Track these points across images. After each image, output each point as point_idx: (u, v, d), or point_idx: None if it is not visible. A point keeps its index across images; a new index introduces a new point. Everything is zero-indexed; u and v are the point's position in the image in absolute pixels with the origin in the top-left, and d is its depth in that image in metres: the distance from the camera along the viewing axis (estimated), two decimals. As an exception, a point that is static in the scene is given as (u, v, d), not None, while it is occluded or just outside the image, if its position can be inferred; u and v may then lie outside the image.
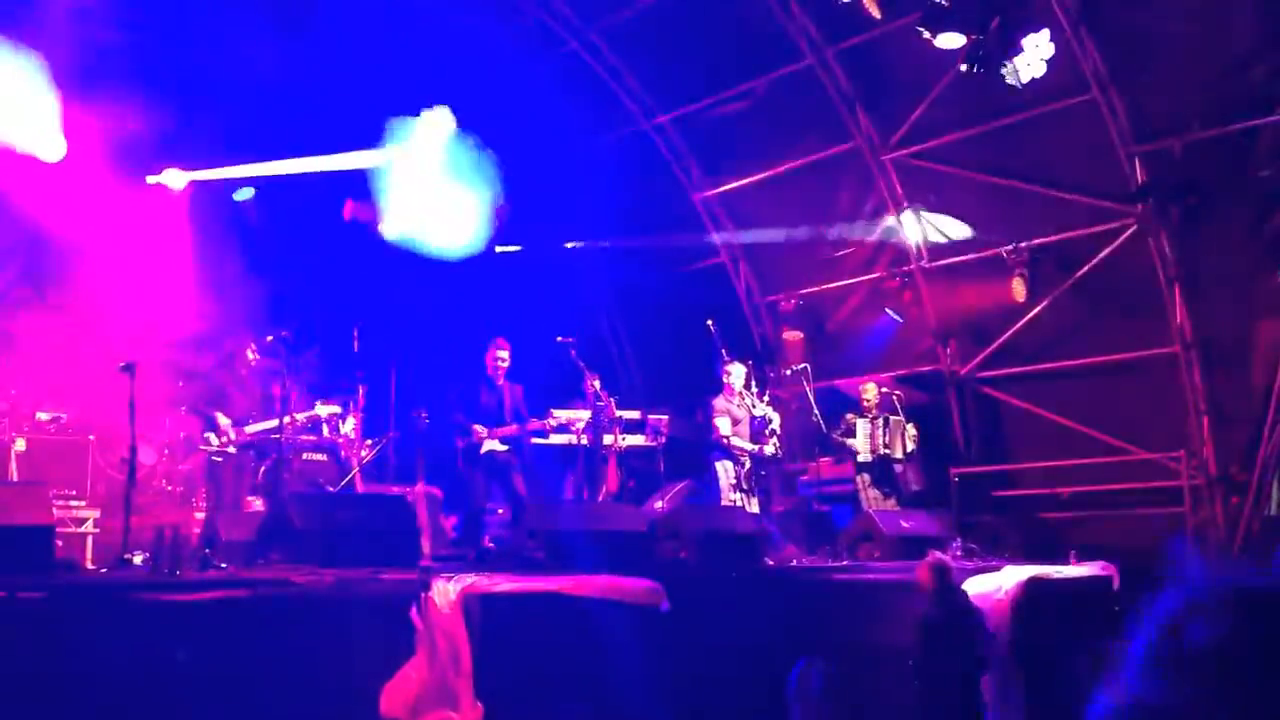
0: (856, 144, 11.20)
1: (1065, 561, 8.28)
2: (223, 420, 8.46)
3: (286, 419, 8.59)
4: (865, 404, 10.11)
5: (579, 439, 9.71)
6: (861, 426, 9.93)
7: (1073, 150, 10.12)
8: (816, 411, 9.75)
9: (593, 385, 9.34)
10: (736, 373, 9.52)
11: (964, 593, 6.77)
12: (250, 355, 8.68)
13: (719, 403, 9.41)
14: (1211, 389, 9.89)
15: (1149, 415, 10.17)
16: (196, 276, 12.13)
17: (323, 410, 8.92)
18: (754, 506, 9.19)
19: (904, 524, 8.39)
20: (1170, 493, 9.93)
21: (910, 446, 9.95)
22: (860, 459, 9.89)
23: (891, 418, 10.00)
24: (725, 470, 9.21)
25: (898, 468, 10.03)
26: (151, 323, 10.84)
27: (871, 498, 9.81)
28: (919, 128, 10.77)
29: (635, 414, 10.33)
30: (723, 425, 9.27)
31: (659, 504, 9.82)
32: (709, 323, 9.77)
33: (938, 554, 6.91)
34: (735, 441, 9.22)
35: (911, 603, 7.20)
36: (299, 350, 12.12)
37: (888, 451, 9.92)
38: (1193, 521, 9.76)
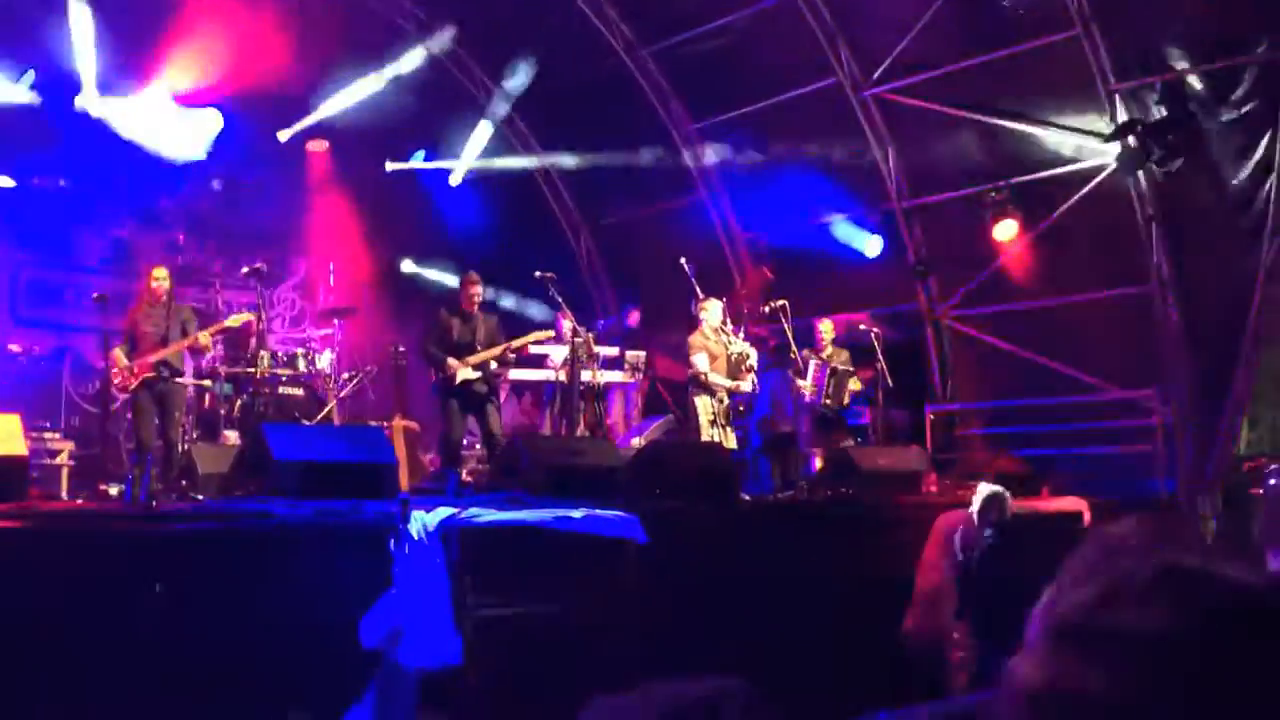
0: (837, 80, 11.10)
1: (1038, 496, 8.39)
2: (119, 355, 8.38)
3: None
4: (820, 342, 10.06)
5: (556, 374, 9.71)
6: (813, 365, 9.84)
7: (1054, 88, 10.07)
8: (794, 349, 9.75)
9: (570, 320, 9.32)
10: (712, 309, 9.49)
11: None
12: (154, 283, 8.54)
13: (695, 339, 9.41)
14: (1186, 328, 9.97)
15: (1123, 353, 10.26)
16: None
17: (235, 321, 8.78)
18: (731, 441, 9.23)
19: (880, 460, 8.45)
20: (1143, 430, 10.06)
21: (846, 400, 9.90)
22: (806, 401, 9.80)
23: (840, 368, 9.89)
24: (704, 406, 9.23)
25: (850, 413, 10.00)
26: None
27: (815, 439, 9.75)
28: (900, 64, 10.67)
29: (613, 350, 10.32)
30: (700, 361, 9.27)
31: (637, 439, 9.85)
32: (682, 260, 9.71)
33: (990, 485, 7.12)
34: (713, 378, 9.23)
35: (886, 536, 7.30)
36: (274, 283, 12.07)
37: (829, 403, 9.81)
38: (1163, 460, 9.90)
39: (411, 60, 12.12)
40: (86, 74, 10.35)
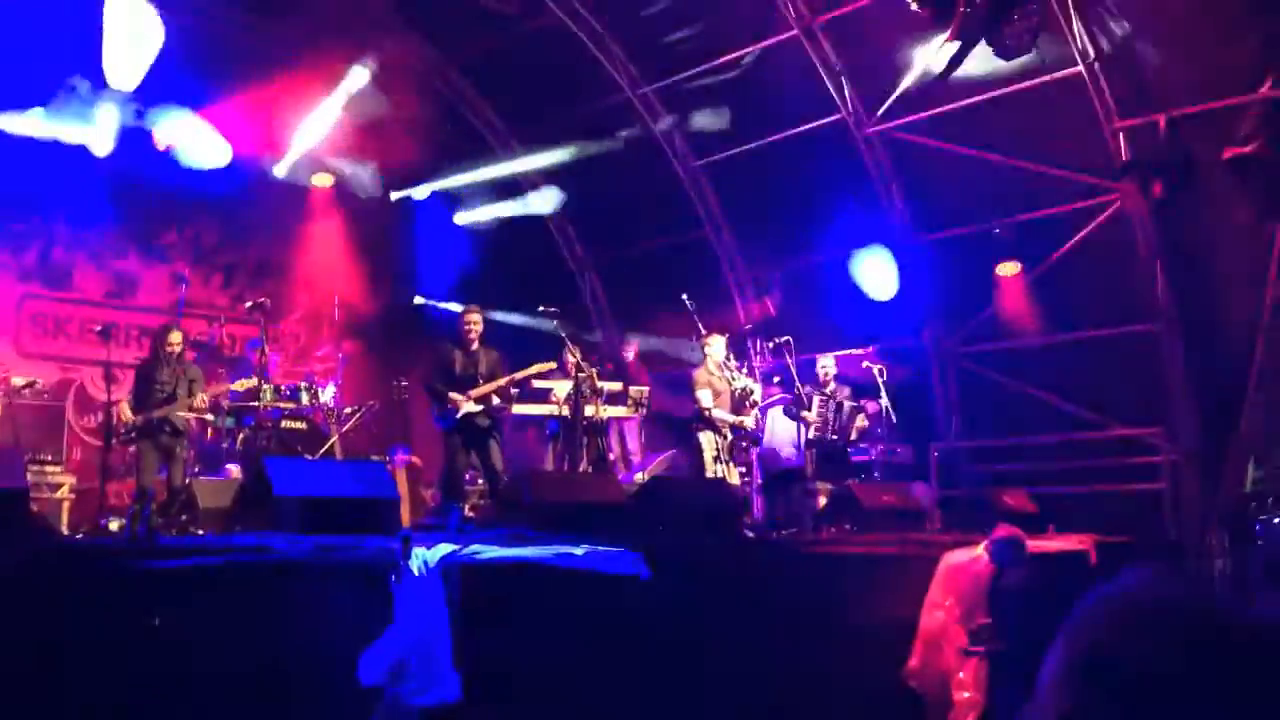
0: (842, 117, 11.14)
1: (1044, 534, 8.32)
2: (125, 409, 8.46)
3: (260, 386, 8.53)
4: (822, 377, 10.01)
5: (559, 409, 9.67)
6: (817, 401, 9.79)
7: (1058, 126, 10.10)
8: (799, 384, 9.73)
9: (574, 355, 9.30)
10: (716, 345, 9.49)
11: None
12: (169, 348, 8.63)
13: (699, 375, 9.39)
14: (1191, 366, 9.94)
15: (1128, 391, 10.22)
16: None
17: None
18: (734, 478, 9.19)
19: (884, 497, 8.40)
20: (1149, 469, 10.00)
21: (853, 435, 9.84)
22: (812, 435, 9.71)
23: (846, 404, 9.84)
24: (708, 441, 9.20)
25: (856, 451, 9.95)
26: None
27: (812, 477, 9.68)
28: (904, 101, 10.71)
29: (617, 385, 10.30)
30: (704, 397, 9.25)
31: (641, 475, 9.80)
32: (685, 297, 9.72)
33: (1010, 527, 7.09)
34: (716, 413, 9.20)
35: (890, 575, 7.23)
36: (278, 317, 12.08)
37: (835, 438, 9.74)
38: (1170, 498, 9.83)
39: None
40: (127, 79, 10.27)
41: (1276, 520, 9.08)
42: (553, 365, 9.12)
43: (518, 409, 9.56)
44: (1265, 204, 9.37)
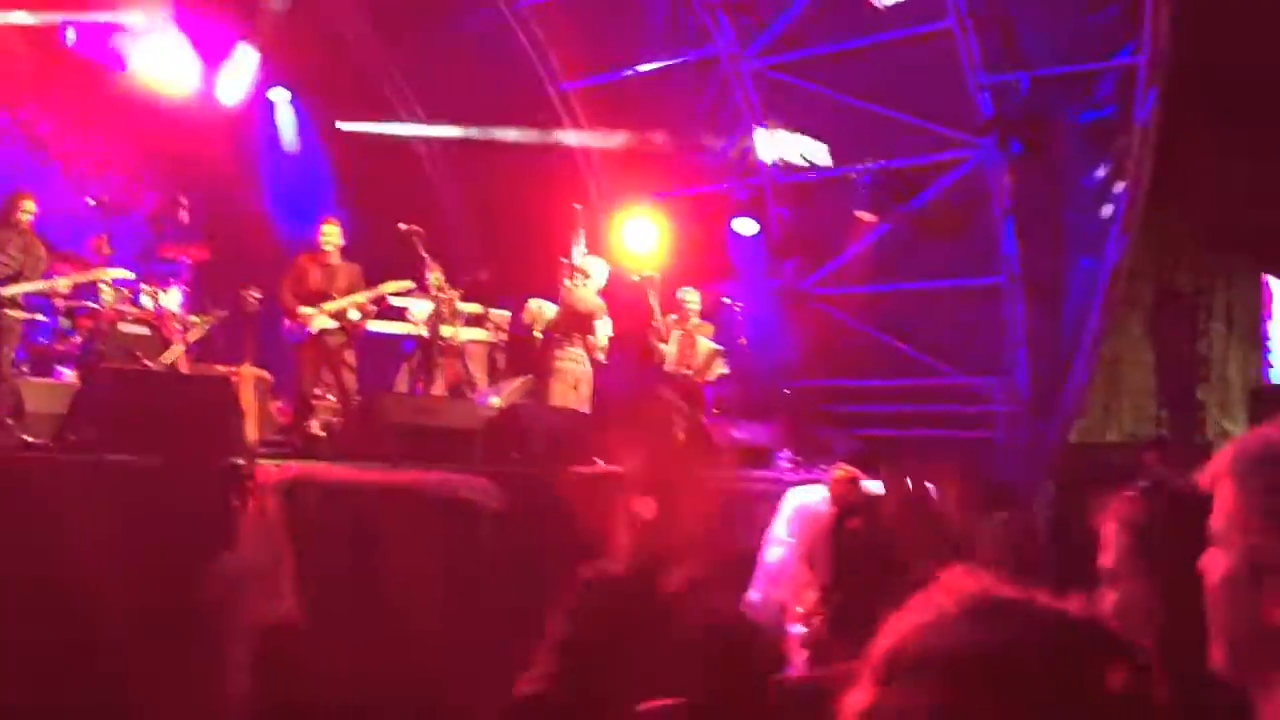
0: (717, 50, 11.11)
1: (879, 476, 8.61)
2: None
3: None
4: (685, 312, 9.97)
5: (417, 329, 9.50)
6: (674, 335, 9.77)
7: (925, 78, 10.29)
8: (659, 316, 9.77)
9: (435, 275, 9.11)
10: (595, 269, 9.42)
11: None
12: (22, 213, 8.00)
13: (559, 300, 9.33)
14: (1031, 321, 10.38)
15: (972, 341, 10.63)
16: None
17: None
18: (588, 407, 9.21)
19: (737, 435, 8.57)
20: (985, 417, 10.47)
21: (710, 374, 9.85)
22: (666, 368, 9.70)
23: (700, 339, 9.84)
24: (563, 370, 9.17)
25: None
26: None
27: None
28: (780, 40, 10.74)
29: (477, 308, 10.16)
30: (557, 322, 9.19)
31: (496, 400, 9.74)
32: (557, 220, 9.61)
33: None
34: (571, 350, 9.16)
35: (736, 511, 7.39)
36: (121, 215, 11.47)
37: (691, 373, 9.75)
38: (1002, 446, 10.32)
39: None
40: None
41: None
42: (410, 284, 8.92)
43: (373, 326, 9.34)
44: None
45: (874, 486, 7.99)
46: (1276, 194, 13.81)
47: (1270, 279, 14.95)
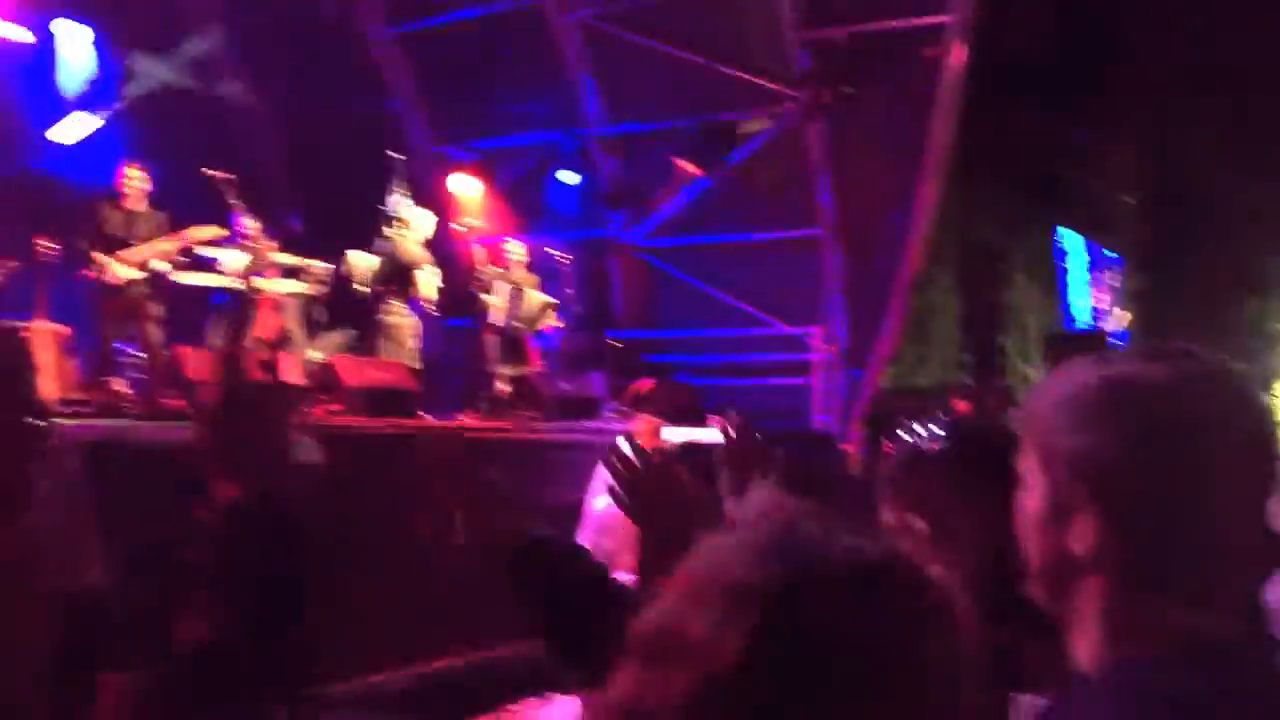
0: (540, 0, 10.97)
1: (705, 425, 8.78)
2: None
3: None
4: (509, 263, 9.85)
5: (229, 281, 9.10)
6: (499, 287, 9.66)
7: (746, 31, 10.42)
8: (484, 267, 9.64)
9: (251, 224, 8.74)
10: (418, 221, 9.21)
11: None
12: None
13: (383, 251, 9.10)
14: (848, 271, 10.73)
15: (794, 292, 10.92)
16: None
17: None
18: (415, 361, 9.05)
19: (563, 386, 8.58)
20: (804, 365, 10.79)
21: (538, 326, 9.82)
22: (492, 320, 9.59)
23: (530, 291, 9.75)
24: (388, 322, 8.98)
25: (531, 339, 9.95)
26: None
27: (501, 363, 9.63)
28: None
29: (294, 259, 9.80)
30: (389, 274, 8.98)
31: (316, 354, 9.45)
32: (376, 164, 9.34)
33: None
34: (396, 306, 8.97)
35: (564, 460, 7.42)
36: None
37: (519, 325, 9.67)
38: (821, 393, 10.67)
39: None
40: None
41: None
42: (220, 231, 8.50)
43: (181, 278, 8.90)
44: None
45: (694, 435, 8.14)
46: (1068, 151, 14.63)
47: (1063, 230, 15.86)
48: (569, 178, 11.45)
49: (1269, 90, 14.53)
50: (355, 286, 9.09)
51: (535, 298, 9.81)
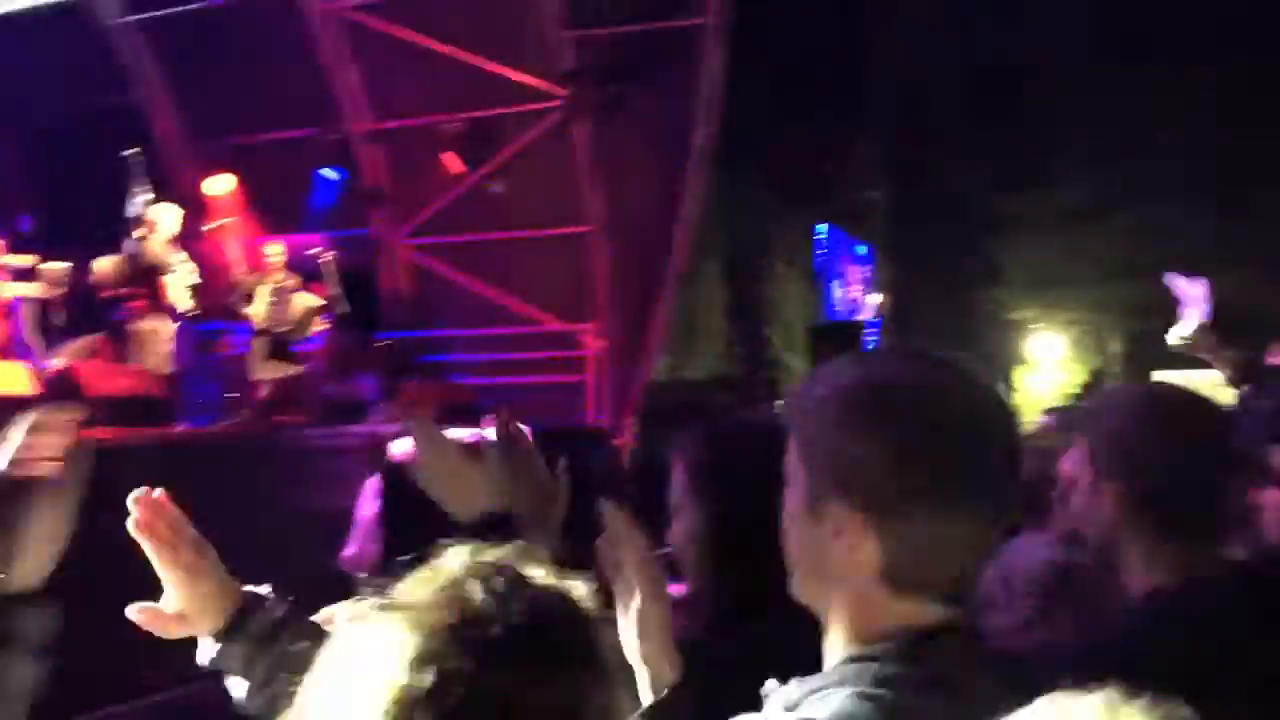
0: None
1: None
2: None
3: None
4: (269, 265, 9.52)
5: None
6: (261, 292, 9.30)
7: (512, 28, 10.38)
8: (242, 268, 9.24)
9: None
10: (163, 219, 8.70)
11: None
12: None
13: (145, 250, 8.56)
14: (617, 267, 10.87)
15: (565, 289, 10.97)
16: None
17: None
18: (165, 366, 8.57)
19: (331, 388, 8.32)
20: (576, 362, 10.87)
21: (306, 329, 9.52)
22: (250, 324, 9.24)
23: (296, 295, 9.43)
24: (140, 329, 8.46)
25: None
26: None
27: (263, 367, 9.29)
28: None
29: (29, 260, 9.10)
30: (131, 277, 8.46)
31: (57, 362, 8.81)
32: (120, 161, 8.78)
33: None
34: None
35: (330, 466, 7.19)
36: None
37: (285, 331, 9.33)
38: (593, 388, 10.77)
39: None
40: None
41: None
42: None
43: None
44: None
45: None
46: (826, 148, 15.31)
47: (822, 225, 16.56)
48: (330, 174, 11.10)
49: (1006, 91, 15.68)
50: (99, 290, 8.52)
51: (298, 300, 9.46)
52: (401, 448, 6.87)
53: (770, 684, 1.22)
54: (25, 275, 8.64)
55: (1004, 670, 1.20)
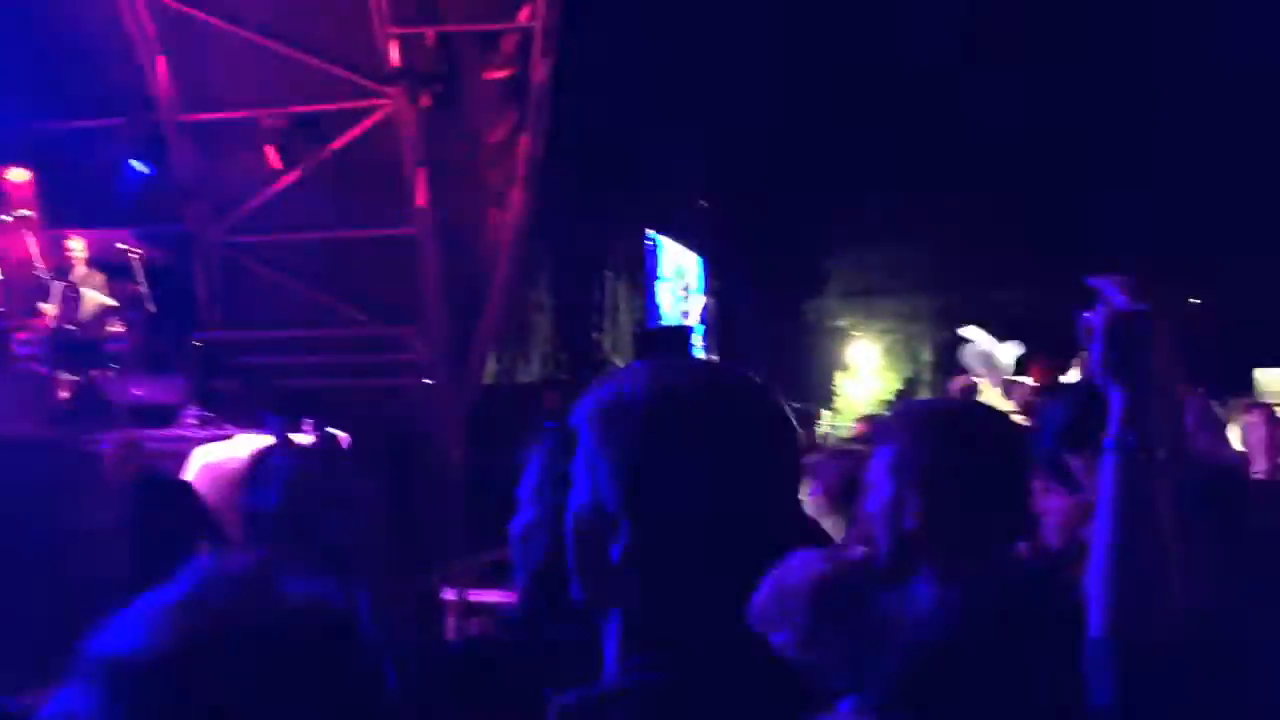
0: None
1: (300, 430, 8.48)
2: None
3: None
4: (71, 261, 9.04)
5: None
6: (56, 289, 8.83)
7: (336, 22, 10.13)
8: (41, 264, 8.73)
9: None
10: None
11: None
12: None
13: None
14: (446, 270, 10.72)
15: (389, 291, 10.74)
16: None
17: None
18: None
19: (135, 391, 7.93)
20: (405, 365, 10.66)
21: (107, 328, 9.05)
22: (48, 322, 8.74)
23: (87, 292, 8.99)
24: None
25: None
26: None
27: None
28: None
29: None
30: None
31: None
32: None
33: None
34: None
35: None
36: None
37: (72, 328, 8.84)
38: (421, 392, 10.60)
39: None
40: None
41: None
42: None
43: None
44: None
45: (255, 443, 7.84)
46: (652, 156, 15.52)
47: (651, 232, 16.80)
48: (140, 167, 10.57)
49: (819, 102, 16.24)
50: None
51: (90, 298, 8.95)
52: (210, 454, 6.65)
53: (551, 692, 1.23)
54: None
55: (786, 680, 1.24)
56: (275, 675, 0.82)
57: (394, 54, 10.02)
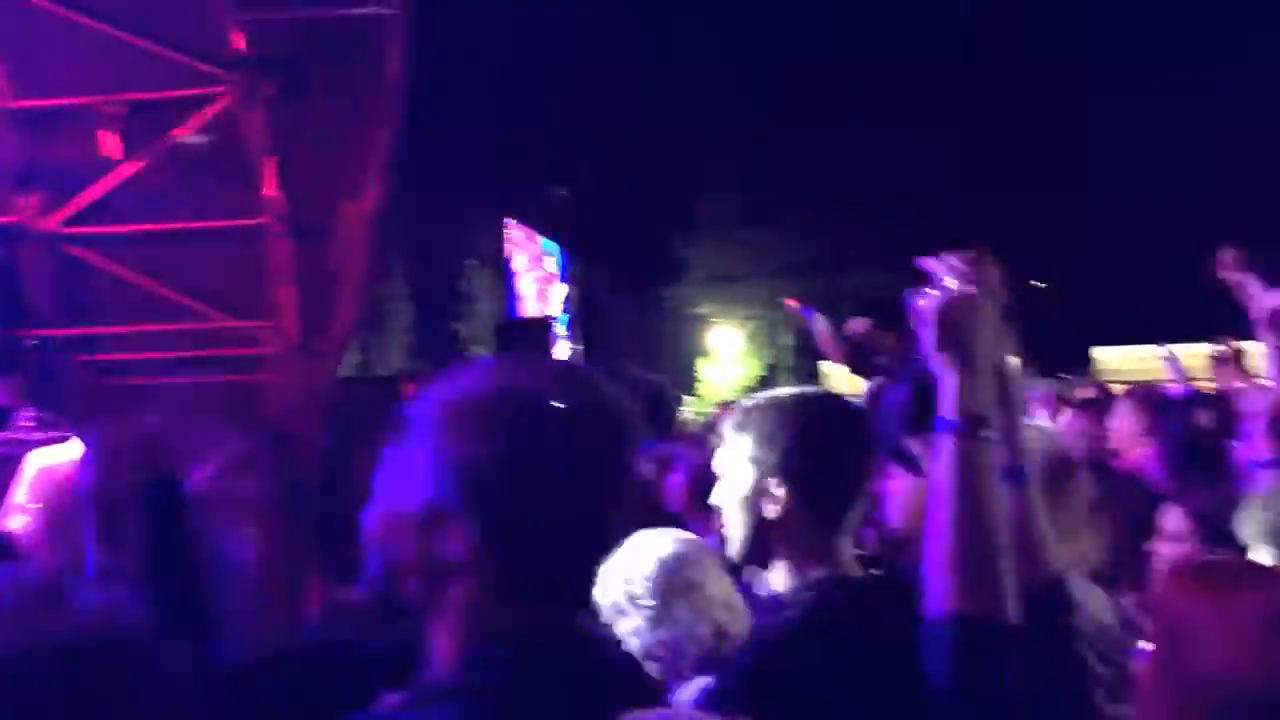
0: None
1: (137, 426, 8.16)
2: None
3: None
4: None
5: None
6: None
7: (180, 7, 9.77)
8: None
9: None
10: None
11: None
12: None
13: None
14: (299, 263, 10.45)
15: (239, 284, 10.42)
16: None
17: None
18: None
19: (-39, 393, 7.50)
20: (256, 360, 10.36)
21: None
22: None
23: None
24: None
25: None
26: None
27: None
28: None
29: None
30: None
31: None
32: None
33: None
34: None
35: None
36: None
37: None
38: (274, 388, 10.32)
39: None
40: None
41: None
42: None
43: None
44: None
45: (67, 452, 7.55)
46: (514, 147, 15.44)
47: (511, 222, 16.72)
48: (-35, 157, 10.01)
49: (679, 91, 16.38)
50: None
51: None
52: (47, 458, 6.34)
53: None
54: None
55: (625, 672, 1.25)
56: (64, 684, 0.79)
57: (238, 40, 9.70)
